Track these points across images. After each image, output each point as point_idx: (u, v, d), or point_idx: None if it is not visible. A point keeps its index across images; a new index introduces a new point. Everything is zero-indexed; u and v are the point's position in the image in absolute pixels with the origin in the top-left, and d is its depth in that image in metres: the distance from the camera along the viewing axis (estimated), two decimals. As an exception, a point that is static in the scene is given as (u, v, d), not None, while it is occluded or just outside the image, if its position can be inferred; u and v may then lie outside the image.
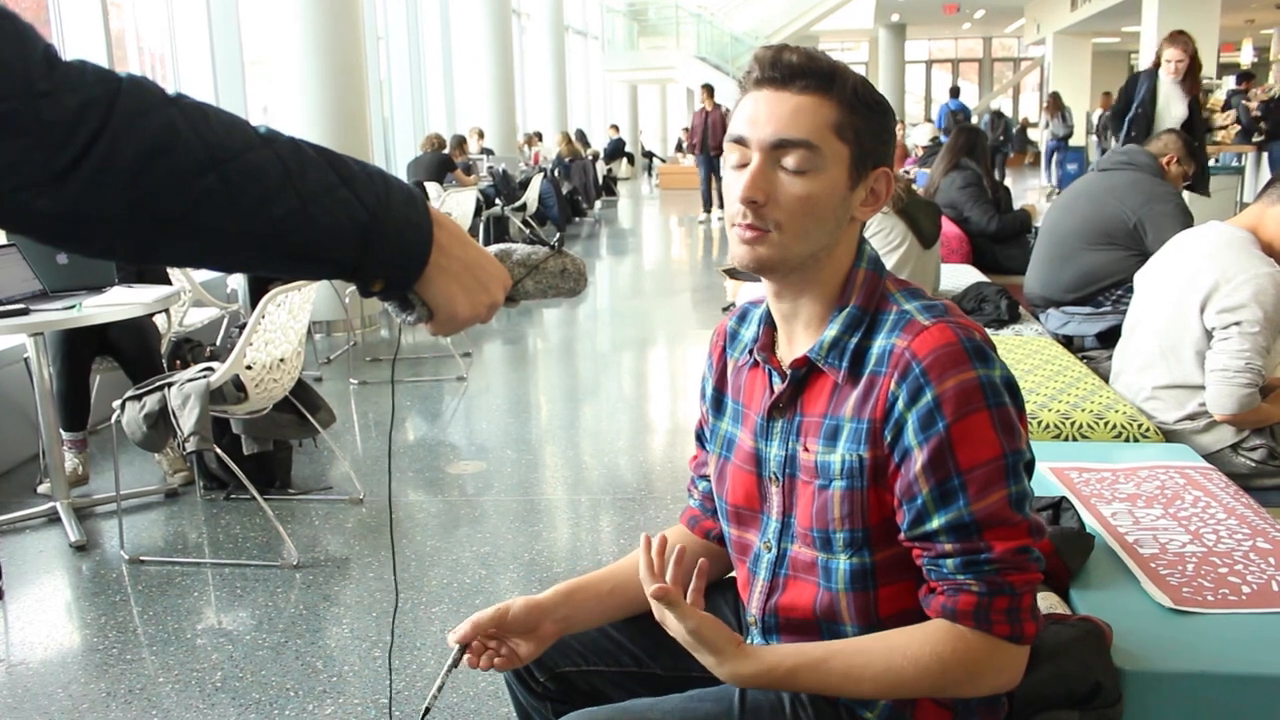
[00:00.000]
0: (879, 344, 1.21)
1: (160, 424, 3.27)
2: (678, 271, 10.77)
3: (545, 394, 5.81)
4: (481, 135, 13.07)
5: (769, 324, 1.34)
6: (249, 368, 3.33)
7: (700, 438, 1.50)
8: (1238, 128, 9.97)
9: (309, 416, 3.73)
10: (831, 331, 1.24)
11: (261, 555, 3.36)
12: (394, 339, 6.98)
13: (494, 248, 1.11)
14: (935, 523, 1.16)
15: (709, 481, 1.46)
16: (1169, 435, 2.60)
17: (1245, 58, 21.84)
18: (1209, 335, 2.51)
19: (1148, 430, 2.55)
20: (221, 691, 2.56)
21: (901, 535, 1.20)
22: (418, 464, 4.28)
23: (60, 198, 0.74)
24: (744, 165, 1.21)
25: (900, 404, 1.17)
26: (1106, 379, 2.97)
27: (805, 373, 1.27)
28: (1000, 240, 5.32)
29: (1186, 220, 3.79)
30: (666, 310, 8.31)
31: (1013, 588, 1.16)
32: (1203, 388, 2.54)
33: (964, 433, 1.15)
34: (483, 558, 3.32)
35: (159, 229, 0.80)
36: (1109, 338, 3.57)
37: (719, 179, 12.47)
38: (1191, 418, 2.60)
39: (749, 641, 1.40)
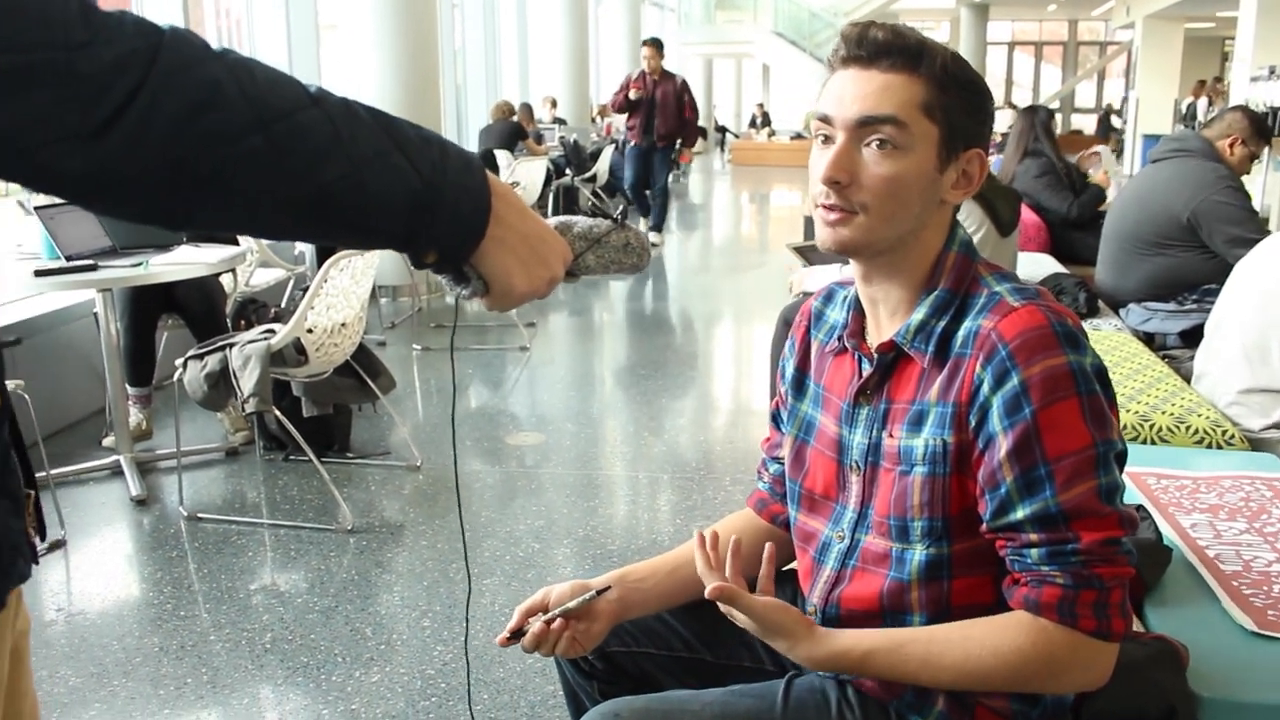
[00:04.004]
0: (966, 326, 1.17)
1: (221, 384, 3.29)
2: (747, 249, 10.67)
3: (608, 367, 5.78)
4: (554, 104, 13.02)
5: (858, 309, 1.30)
6: (310, 331, 3.34)
7: (776, 419, 1.46)
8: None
9: (369, 381, 3.74)
10: (919, 315, 1.20)
11: (317, 518, 3.38)
12: (454, 309, 6.99)
13: (554, 220, 1.06)
14: (1020, 513, 1.12)
15: (781, 465, 1.42)
16: (1255, 444, 2.47)
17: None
18: (1303, 338, 2.39)
19: (1232, 437, 2.43)
20: (271, 653, 2.57)
21: (984, 526, 1.16)
22: (477, 433, 4.27)
23: (93, 156, 0.69)
24: (829, 143, 1.19)
25: (985, 387, 1.12)
26: (1189, 380, 2.84)
27: (893, 358, 1.23)
28: (1081, 226, 5.11)
29: (1245, 204, 3.55)
30: (734, 287, 8.22)
31: (1101, 580, 1.11)
32: (1292, 394, 2.42)
33: (1052, 420, 1.10)
34: (537, 531, 3.29)
35: (198, 192, 0.75)
36: (1193, 337, 3.40)
37: (641, 177, 9.24)
38: (1278, 426, 2.47)
39: None
